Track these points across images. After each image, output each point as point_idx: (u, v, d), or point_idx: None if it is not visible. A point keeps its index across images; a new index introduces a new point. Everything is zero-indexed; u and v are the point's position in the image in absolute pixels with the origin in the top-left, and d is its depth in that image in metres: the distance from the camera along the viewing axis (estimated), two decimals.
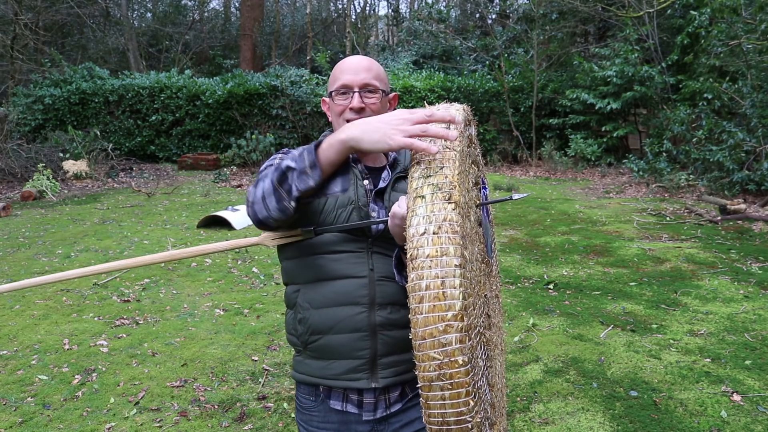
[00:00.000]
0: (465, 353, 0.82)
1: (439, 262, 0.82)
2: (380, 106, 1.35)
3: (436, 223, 0.84)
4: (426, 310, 0.81)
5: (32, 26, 13.79)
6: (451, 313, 0.80)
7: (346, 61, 1.38)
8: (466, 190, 0.97)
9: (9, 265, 5.52)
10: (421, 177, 0.89)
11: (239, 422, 2.85)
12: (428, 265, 0.82)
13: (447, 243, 0.83)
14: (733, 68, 9.95)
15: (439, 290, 0.81)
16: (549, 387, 3.16)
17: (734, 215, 7.26)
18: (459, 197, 0.86)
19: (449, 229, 0.83)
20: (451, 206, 0.85)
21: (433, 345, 0.81)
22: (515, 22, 16.44)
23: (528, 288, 4.89)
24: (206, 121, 13.18)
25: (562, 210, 8.24)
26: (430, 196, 0.86)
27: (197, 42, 21.23)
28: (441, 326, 0.80)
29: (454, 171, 0.89)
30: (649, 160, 10.69)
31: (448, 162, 0.90)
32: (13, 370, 3.38)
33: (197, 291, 4.81)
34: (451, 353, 0.81)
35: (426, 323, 0.81)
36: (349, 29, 17.37)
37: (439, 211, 0.85)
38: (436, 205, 0.85)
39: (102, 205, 8.92)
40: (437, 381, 0.82)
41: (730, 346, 3.61)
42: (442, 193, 0.86)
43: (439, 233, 0.83)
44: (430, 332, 0.81)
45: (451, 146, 0.93)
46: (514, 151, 13.89)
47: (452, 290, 0.81)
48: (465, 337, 0.82)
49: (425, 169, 0.90)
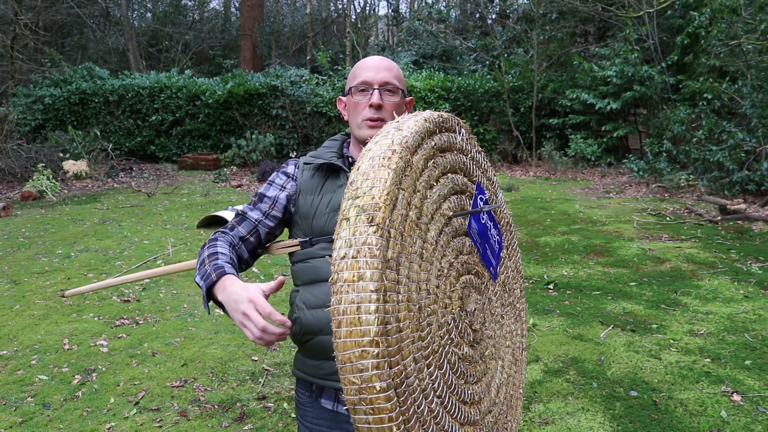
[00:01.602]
0: (383, 379, 0.80)
1: (355, 287, 0.81)
2: (398, 106, 1.36)
3: (356, 246, 0.82)
4: (344, 335, 0.81)
5: (32, 26, 13.79)
6: (366, 339, 0.80)
7: (366, 59, 1.39)
8: (409, 207, 0.93)
9: (9, 265, 5.52)
10: (351, 198, 0.87)
11: (239, 422, 2.85)
12: (345, 289, 0.81)
13: (364, 267, 0.81)
14: (733, 68, 9.95)
15: (354, 315, 0.80)
16: (549, 387, 3.16)
17: (734, 215, 7.26)
18: (382, 219, 0.84)
19: (367, 253, 0.82)
20: (372, 229, 0.83)
21: (352, 370, 0.81)
22: (515, 22, 16.45)
23: (528, 288, 4.89)
24: (206, 121, 13.18)
25: (562, 210, 8.24)
26: (354, 219, 0.85)
27: (197, 42, 21.24)
28: (357, 351, 0.80)
29: (383, 191, 0.86)
30: (649, 160, 10.69)
31: (379, 182, 0.87)
32: (13, 370, 3.38)
33: (197, 291, 4.81)
34: (368, 379, 0.80)
35: (344, 348, 0.81)
36: (349, 29, 17.37)
37: (360, 235, 0.83)
38: (358, 228, 0.84)
39: (102, 205, 8.92)
40: (359, 405, 0.82)
41: (730, 346, 3.61)
42: (365, 215, 0.84)
43: (357, 257, 0.82)
44: (348, 357, 0.80)
45: (387, 164, 0.90)
46: (514, 151, 13.89)
47: (367, 316, 0.80)
48: (383, 363, 0.80)
49: (356, 189, 0.88)
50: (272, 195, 1.41)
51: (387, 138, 0.96)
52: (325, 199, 1.35)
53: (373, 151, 0.94)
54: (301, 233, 1.39)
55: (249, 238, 1.40)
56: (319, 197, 1.36)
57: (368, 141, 1.16)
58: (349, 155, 1.43)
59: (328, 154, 1.40)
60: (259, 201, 1.41)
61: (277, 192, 1.41)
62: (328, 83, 13.24)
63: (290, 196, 1.41)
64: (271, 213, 1.40)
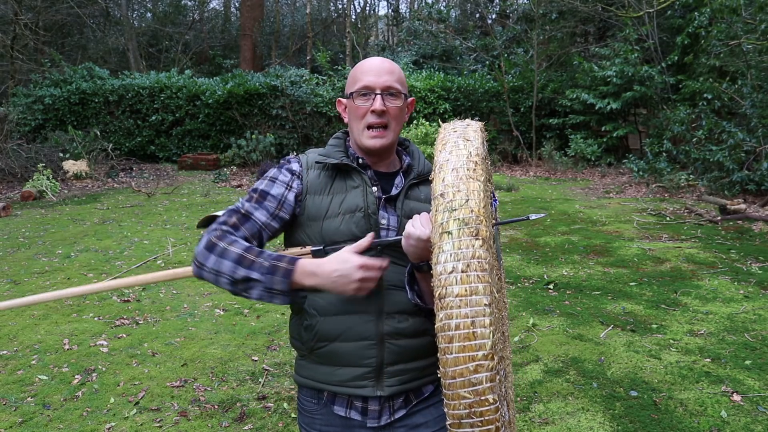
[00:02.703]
0: (495, 391, 0.81)
1: (468, 301, 0.81)
2: (400, 110, 1.32)
3: (464, 261, 0.82)
4: (456, 350, 0.80)
5: (32, 26, 13.79)
6: (481, 353, 0.80)
7: (367, 62, 1.33)
8: (490, 221, 0.94)
9: (9, 265, 5.52)
10: (446, 210, 0.87)
11: (239, 422, 2.85)
12: (457, 304, 0.81)
13: (476, 281, 0.81)
14: (733, 68, 9.95)
15: (469, 330, 0.80)
16: (549, 387, 3.16)
17: (734, 215, 7.26)
18: (486, 232, 0.85)
19: (478, 267, 0.82)
20: (478, 242, 0.83)
21: (464, 384, 0.81)
22: (515, 22, 16.45)
23: (528, 288, 4.89)
24: (206, 121, 13.18)
25: (562, 210, 8.24)
26: (456, 232, 0.84)
27: (197, 42, 21.24)
28: (471, 366, 0.80)
29: (480, 204, 0.86)
30: (649, 160, 10.69)
31: (473, 194, 0.87)
32: (13, 370, 3.38)
33: (197, 291, 4.81)
34: (482, 392, 0.81)
35: (456, 363, 0.81)
36: (349, 29, 17.37)
37: (466, 248, 0.83)
38: (463, 241, 0.83)
39: (102, 205, 8.92)
40: (467, 419, 0.82)
41: (730, 346, 3.61)
42: (468, 228, 0.84)
43: (467, 272, 0.82)
44: (461, 372, 0.80)
45: (475, 176, 0.90)
46: (514, 151, 13.89)
47: (482, 329, 0.80)
48: (495, 375, 0.81)
49: (450, 201, 0.87)
50: (277, 194, 1.31)
51: (460, 149, 0.96)
52: (336, 200, 1.30)
53: (453, 162, 0.93)
54: (306, 236, 1.31)
55: (252, 241, 1.28)
56: (329, 197, 1.30)
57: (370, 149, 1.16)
58: (356, 155, 1.36)
59: (338, 153, 1.34)
60: (263, 199, 1.30)
61: (284, 191, 1.31)
62: (328, 83, 13.24)
63: (297, 196, 1.32)
64: (278, 214, 1.30)
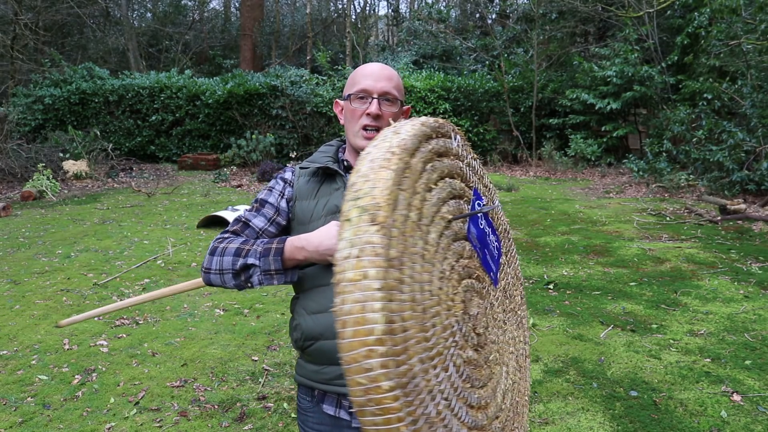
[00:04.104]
0: (390, 378, 0.80)
1: (359, 286, 0.81)
2: (395, 116, 1.37)
3: (359, 246, 0.83)
4: (349, 335, 0.80)
5: (32, 26, 13.79)
6: (372, 338, 0.79)
7: (367, 66, 1.38)
8: (409, 208, 0.94)
9: (9, 265, 5.53)
10: (351, 199, 0.88)
11: (239, 422, 2.85)
12: (349, 289, 0.81)
13: (368, 266, 0.82)
14: (733, 68, 9.95)
15: (359, 314, 0.80)
16: (549, 387, 3.16)
17: (734, 215, 7.26)
18: (384, 218, 0.85)
19: (371, 252, 0.82)
20: (374, 228, 0.84)
21: (358, 370, 0.80)
22: (515, 22, 16.45)
23: (528, 288, 4.89)
24: (206, 121, 13.18)
25: (562, 210, 8.24)
26: (356, 219, 0.86)
27: (197, 42, 21.24)
28: (363, 351, 0.79)
29: (384, 191, 0.87)
30: (649, 160, 10.69)
31: (380, 182, 0.88)
32: (13, 370, 3.38)
33: (197, 291, 4.81)
34: (375, 378, 0.80)
35: (350, 348, 0.80)
36: (349, 29, 17.37)
37: (362, 234, 0.84)
38: (360, 228, 0.84)
39: (102, 205, 8.92)
40: (367, 406, 0.81)
41: (730, 346, 3.61)
42: (367, 215, 0.85)
43: (360, 257, 0.82)
44: (354, 357, 0.80)
45: (387, 165, 0.91)
46: (514, 151, 13.89)
47: (372, 314, 0.80)
48: (390, 362, 0.80)
49: (357, 190, 0.89)
50: (274, 201, 1.40)
51: (385, 141, 0.97)
52: (320, 203, 1.35)
53: (373, 154, 0.94)
54: None
55: None
56: (314, 201, 1.36)
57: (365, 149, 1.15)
58: (344, 159, 1.43)
59: (323, 158, 1.40)
60: (261, 207, 1.39)
61: (278, 198, 1.40)
62: (328, 83, 13.24)
63: (289, 202, 1.40)
64: (276, 220, 1.39)
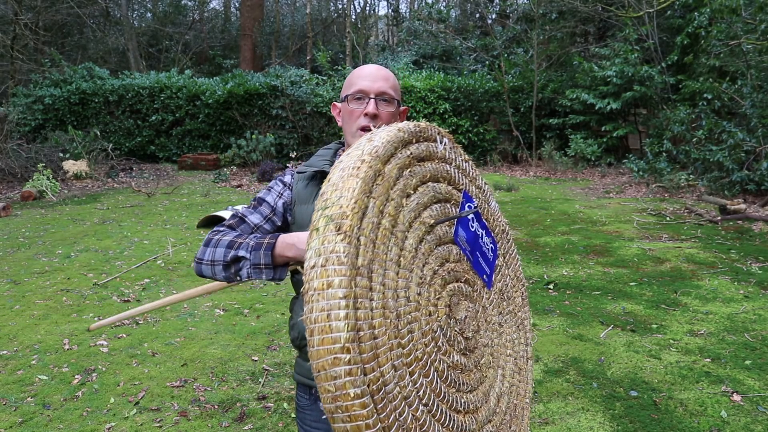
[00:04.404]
0: (357, 385, 0.81)
1: (324, 294, 0.82)
2: (392, 116, 1.38)
3: (324, 255, 0.84)
4: (316, 343, 0.82)
5: (32, 26, 13.79)
6: (337, 345, 0.81)
7: (364, 68, 1.40)
8: (381, 216, 0.94)
9: (9, 265, 5.53)
10: (320, 209, 0.89)
11: (239, 422, 2.85)
12: (315, 298, 0.83)
13: (332, 275, 0.83)
14: (733, 68, 9.95)
15: (325, 323, 0.81)
16: (549, 387, 3.16)
17: (734, 215, 7.26)
18: (349, 227, 0.86)
19: (335, 261, 0.83)
20: (339, 237, 0.85)
21: (326, 377, 0.81)
22: (515, 22, 16.45)
23: (528, 288, 4.88)
24: (206, 121, 13.19)
25: (562, 210, 8.24)
26: (323, 228, 0.87)
27: (197, 42, 21.25)
28: (330, 359, 0.81)
29: (351, 200, 0.88)
30: (649, 160, 10.69)
31: (347, 191, 0.89)
32: (13, 370, 3.38)
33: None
34: (342, 386, 0.81)
35: (318, 356, 0.82)
36: (349, 29, 17.37)
37: (328, 243, 0.85)
38: (326, 236, 0.86)
39: (102, 205, 8.92)
40: (336, 413, 0.83)
41: (730, 346, 3.61)
42: (333, 224, 0.86)
43: (326, 265, 0.84)
44: (322, 365, 0.81)
45: (356, 174, 0.91)
46: (514, 151, 13.90)
47: (337, 323, 0.81)
48: (356, 369, 0.81)
49: (326, 200, 0.90)
50: (271, 201, 1.42)
51: (358, 149, 0.97)
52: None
53: (344, 162, 0.94)
54: None
55: None
56: (313, 205, 1.37)
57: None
58: None
59: (320, 162, 1.42)
60: (259, 205, 1.41)
61: (275, 198, 1.42)
62: (328, 83, 13.24)
63: (287, 205, 1.42)
64: (271, 218, 1.40)
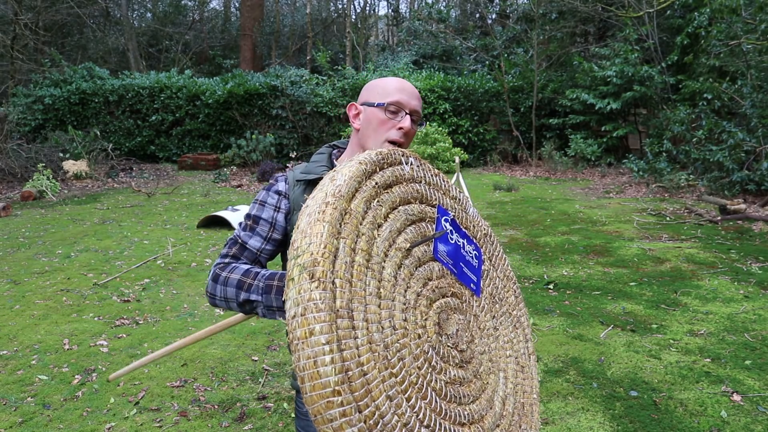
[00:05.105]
0: (353, 425, 0.85)
1: (308, 342, 0.85)
2: (414, 135, 1.41)
3: (302, 305, 0.86)
4: (309, 390, 0.85)
5: (32, 26, 13.79)
6: (328, 390, 0.84)
7: (400, 81, 1.39)
8: (354, 253, 0.95)
9: (9, 265, 5.53)
10: (292, 258, 0.91)
11: (239, 422, 2.85)
12: (301, 347, 0.85)
13: (313, 323, 0.85)
14: (733, 68, 9.95)
15: (313, 370, 0.84)
16: (549, 387, 3.16)
17: (734, 215, 7.26)
18: (322, 273, 0.88)
19: (313, 309, 0.86)
20: (314, 285, 0.87)
21: (323, 421, 0.85)
22: (515, 22, 16.45)
23: (528, 288, 4.89)
24: (206, 121, 13.19)
25: (562, 210, 8.24)
26: (297, 278, 0.88)
27: (197, 42, 21.25)
28: (323, 403, 0.84)
29: (320, 246, 0.89)
30: (649, 160, 10.69)
31: (315, 237, 0.90)
32: (13, 370, 3.38)
33: (197, 291, 4.81)
34: (339, 427, 0.84)
35: (312, 402, 0.85)
36: (349, 29, 17.37)
37: (304, 292, 0.87)
38: (302, 286, 0.87)
39: (102, 205, 8.92)
40: None
41: (730, 346, 3.61)
42: (306, 272, 0.88)
43: (305, 314, 0.86)
44: (317, 410, 0.85)
45: (321, 218, 0.92)
46: (514, 151, 13.90)
47: (324, 368, 0.84)
48: (350, 410, 0.85)
49: (296, 248, 0.91)
50: (268, 217, 1.36)
51: (322, 191, 0.97)
52: None
53: (310, 207, 0.95)
54: None
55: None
56: None
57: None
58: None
59: (318, 168, 1.39)
60: (255, 225, 1.35)
61: (273, 213, 1.37)
62: (328, 83, 13.24)
63: (287, 216, 1.37)
64: (272, 236, 1.35)
